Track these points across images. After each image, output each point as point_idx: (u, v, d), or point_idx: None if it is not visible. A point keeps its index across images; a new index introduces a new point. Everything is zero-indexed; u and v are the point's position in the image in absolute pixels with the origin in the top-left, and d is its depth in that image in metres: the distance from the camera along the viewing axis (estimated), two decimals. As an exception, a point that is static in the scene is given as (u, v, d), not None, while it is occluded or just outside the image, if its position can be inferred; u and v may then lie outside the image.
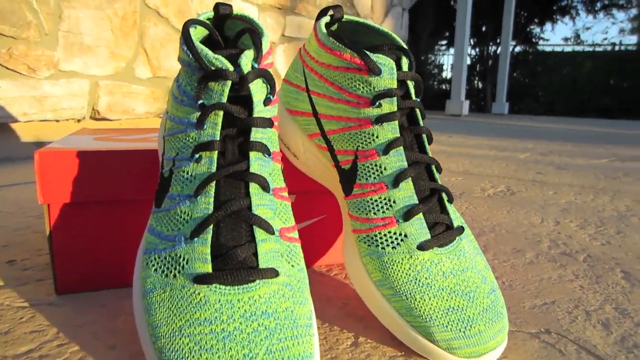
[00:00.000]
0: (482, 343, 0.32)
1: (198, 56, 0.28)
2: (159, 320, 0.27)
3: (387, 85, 0.33)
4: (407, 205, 0.34)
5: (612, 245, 0.62)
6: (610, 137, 2.55)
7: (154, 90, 1.39)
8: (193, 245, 0.28)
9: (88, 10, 1.20)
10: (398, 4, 2.86)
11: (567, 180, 1.13)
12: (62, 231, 0.41)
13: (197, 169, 0.29)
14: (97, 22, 1.22)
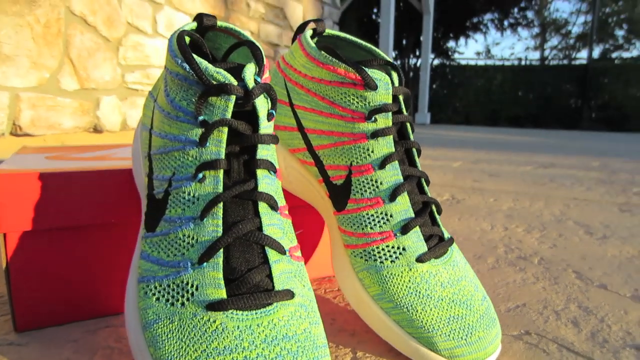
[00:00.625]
0: (482, 349, 0.32)
1: (198, 70, 0.27)
2: (168, 353, 0.25)
3: (383, 101, 0.33)
4: (404, 219, 0.34)
5: (559, 248, 0.66)
6: (527, 146, 2.74)
7: (82, 103, 1.31)
8: (202, 270, 0.26)
9: (6, 17, 1.11)
10: (329, 17, 2.91)
11: (502, 187, 1.20)
12: (21, 262, 0.37)
13: (201, 189, 0.27)
14: (16, 30, 1.13)
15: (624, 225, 0.81)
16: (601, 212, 0.92)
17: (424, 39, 5.98)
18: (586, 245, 0.68)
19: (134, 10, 1.47)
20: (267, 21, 2.24)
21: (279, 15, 2.37)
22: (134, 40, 1.48)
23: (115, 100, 1.43)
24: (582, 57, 11.19)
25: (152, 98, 0.35)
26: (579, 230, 0.77)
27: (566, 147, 2.73)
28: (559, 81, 7.92)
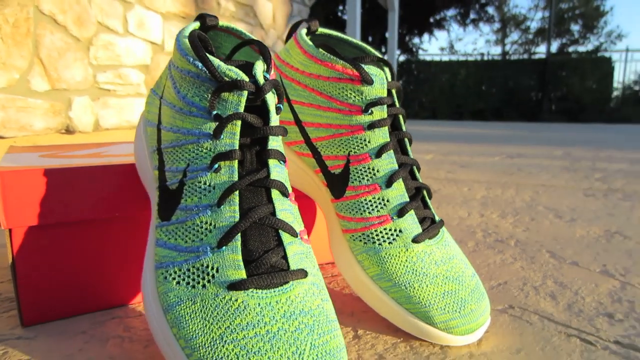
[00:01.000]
0: (474, 320, 0.35)
1: (212, 67, 0.29)
2: (192, 331, 0.27)
3: (379, 94, 0.36)
4: (400, 204, 0.36)
5: (532, 231, 0.70)
6: (495, 138, 2.83)
7: (53, 104, 1.29)
8: (222, 253, 0.28)
9: (-24, 17, 1.08)
10: (298, 15, 2.92)
11: (474, 177, 1.24)
12: (27, 257, 0.38)
13: (217, 178, 0.29)
14: (-13, 30, 1.11)
15: (589, 209, 0.86)
16: (568, 197, 0.97)
17: (389, 35, 6.05)
18: (556, 227, 0.73)
19: (104, 9, 1.45)
20: (238, 19, 2.24)
21: (249, 13, 2.37)
22: (105, 40, 1.46)
23: (87, 101, 1.41)
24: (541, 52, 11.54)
25: (157, 95, 0.36)
26: (548, 214, 0.81)
27: (530, 138, 2.83)
28: (519, 75, 8.14)
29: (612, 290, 0.48)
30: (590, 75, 7.92)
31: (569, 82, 8.07)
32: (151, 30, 1.68)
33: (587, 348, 0.36)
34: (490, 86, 8.32)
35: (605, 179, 1.23)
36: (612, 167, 1.47)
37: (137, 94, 1.61)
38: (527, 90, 8.22)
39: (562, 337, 0.38)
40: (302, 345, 0.26)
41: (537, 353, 0.35)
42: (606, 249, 0.62)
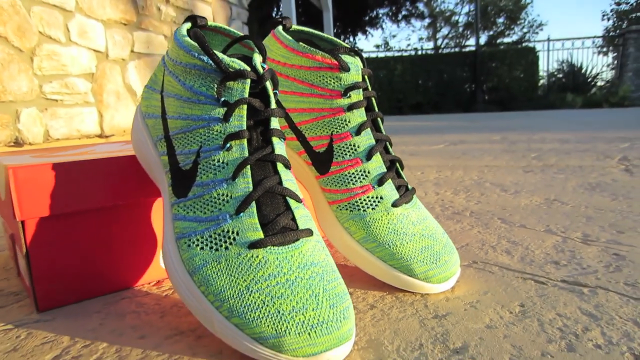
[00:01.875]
0: (448, 270, 0.41)
1: (219, 61, 0.33)
2: (220, 287, 0.31)
3: (355, 80, 0.41)
4: (379, 174, 0.42)
5: (483, 203, 0.78)
6: (436, 129, 2.96)
7: (1, 117, 1.26)
8: (240, 219, 0.32)
9: None
10: (237, 18, 2.94)
11: (424, 162, 1.33)
12: (39, 246, 0.40)
13: (229, 156, 0.33)
14: None
15: (529, 182, 0.96)
16: (510, 174, 1.07)
17: (326, 35, 6.16)
18: (503, 199, 0.81)
19: (44, 18, 1.43)
20: (179, 24, 2.24)
21: (189, 17, 2.37)
22: (49, 50, 1.44)
23: (35, 112, 1.39)
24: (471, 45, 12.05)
25: (155, 90, 0.40)
26: (495, 189, 0.90)
27: (469, 127, 2.99)
28: (453, 68, 8.46)
29: (556, 244, 0.56)
30: (518, 65, 8.32)
31: (499, 73, 8.46)
32: (94, 38, 1.66)
33: (540, 287, 0.43)
34: (427, 80, 8.60)
35: (540, 157, 1.34)
36: (545, 147, 1.60)
37: (85, 102, 1.59)
38: (461, 83, 8.55)
39: (519, 280, 0.45)
40: (316, 289, 0.31)
41: (501, 293, 0.42)
42: (547, 213, 0.71)
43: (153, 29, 2.00)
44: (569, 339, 0.34)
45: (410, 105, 8.36)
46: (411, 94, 8.50)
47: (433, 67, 8.52)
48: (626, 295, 0.41)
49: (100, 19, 1.70)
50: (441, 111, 8.00)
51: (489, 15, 12.09)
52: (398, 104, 8.44)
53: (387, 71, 8.63)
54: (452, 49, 11.24)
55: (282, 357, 0.29)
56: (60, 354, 0.34)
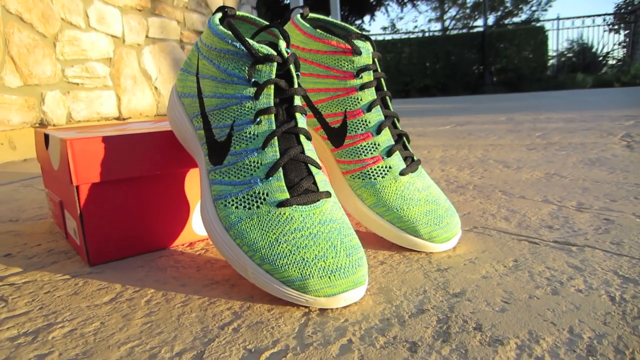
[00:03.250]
0: (450, 231, 0.47)
1: (250, 47, 0.38)
2: (254, 239, 0.37)
3: (366, 62, 0.46)
4: (388, 146, 0.47)
5: (485, 178, 0.83)
6: (443, 111, 2.99)
7: (27, 99, 1.32)
8: (270, 182, 0.38)
9: (-55, 18, 1.11)
10: (246, 3, 2.97)
11: (431, 143, 1.37)
12: (91, 208, 0.46)
13: (259, 129, 0.39)
14: (-44, 31, 1.13)
15: (531, 159, 1.00)
16: (513, 152, 1.11)
17: (332, 18, 6.15)
18: (506, 174, 0.86)
19: (65, 5, 1.48)
20: (191, 10, 2.28)
21: (200, 3, 2.41)
22: (70, 35, 1.49)
23: (58, 95, 1.45)
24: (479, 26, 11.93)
25: (190, 73, 0.45)
26: (498, 165, 0.95)
27: (476, 108, 3.02)
28: (461, 50, 8.40)
29: (552, 211, 0.61)
30: (526, 46, 8.23)
31: (507, 54, 8.38)
32: (111, 24, 1.71)
33: (533, 246, 0.49)
34: (434, 62, 8.56)
35: (544, 136, 1.39)
36: (550, 127, 1.64)
37: (104, 86, 1.65)
38: (469, 64, 8.50)
39: (515, 241, 0.50)
40: (335, 241, 0.36)
41: (497, 251, 0.47)
42: (546, 185, 0.75)
43: (166, 15, 2.04)
44: (554, 286, 0.39)
45: (418, 88, 8.34)
46: (419, 76, 8.47)
47: (441, 49, 8.46)
48: (610, 252, 0.46)
49: (117, 5, 1.75)
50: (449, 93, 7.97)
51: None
52: (406, 87, 8.43)
53: (395, 54, 8.60)
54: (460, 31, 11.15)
55: (307, 297, 0.35)
56: (116, 297, 0.40)
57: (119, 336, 0.33)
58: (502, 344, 0.31)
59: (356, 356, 0.30)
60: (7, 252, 0.54)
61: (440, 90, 8.29)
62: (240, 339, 0.32)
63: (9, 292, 0.42)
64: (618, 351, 0.30)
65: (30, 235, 0.60)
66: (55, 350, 0.32)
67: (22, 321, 0.36)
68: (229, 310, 0.37)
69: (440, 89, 8.32)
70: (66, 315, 0.37)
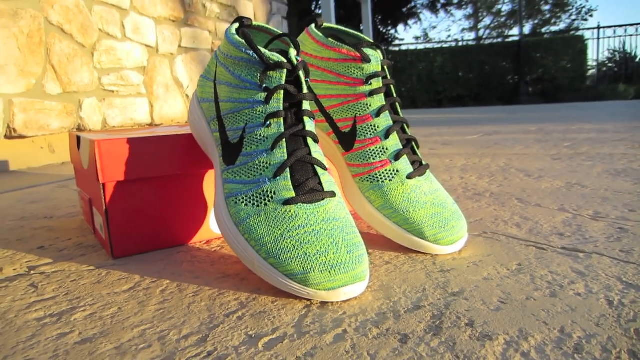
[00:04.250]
0: (456, 234, 0.48)
1: (262, 55, 0.41)
2: (261, 234, 0.39)
3: (375, 69, 0.48)
4: (396, 150, 0.49)
5: (504, 186, 0.84)
6: (473, 121, 2.97)
7: (66, 105, 1.39)
8: (277, 182, 0.40)
9: (-7, 29, 1.18)
10: (277, 13, 3.03)
11: (454, 151, 1.38)
12: (116, 205, 0.49)
13: (269, 131, 0.41)
14: (4, 41, 1.21)
15: (555, 169, 1.00)
16: (537, 162, 1.11)
17: (364, 28, 6.17)
18: (525, 183, 0.86)
19: (103, 17, 1.55)
20: (223, 20, 2.34)
21: (232, 13, 2.47)
22: (107, 45, 1.56)
23: (95, 102, 1.52)
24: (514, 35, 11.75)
25: (209, 79, 0.48)
26: (519, 174, 0.95)
27: (507, 118, 2.98)
28: (495, 59, 8.29)
29: (566, 219, 0.61)
30: (564, 55, 8.06)
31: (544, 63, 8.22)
32: (146, 34, 1.78)
33: (540, 252, 0.49)
34: (468, 72, 8.48)
35: (572, 147, 1.37)
36: (580, 137, 1.61)
37: (137, 93, 1.71)
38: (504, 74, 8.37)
39: (522, 246, 0.51)
40: (337, 238, 0.38)
41: (503, 256, 0.48)
42: (565, 194, 0.75)
43: (199, 25, 2.11)
44: (554, 289, 0.40)
45: (450, 97, 8.27)
46: (451, 86, 8.39)
47: (474, 59, 8.37)
48: (618, 259, 0.46)
49: (151, 16, 1.82)
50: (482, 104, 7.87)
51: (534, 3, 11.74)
52: (438, 96, 8.36)
53: (427, 63, 8.55)
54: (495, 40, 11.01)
55: (308, 290, 0.37)
56: (134, 286, 0.43)
57: (133, 320, 0.36)
58: (491, 340, 0.32)
59: (348, 345, 0.32)
60: (40, 245, 0.58)
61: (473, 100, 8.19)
62: (243, 326, 0.34)
63: (40, 279, 0.46)
64: (605, 350, 0.30)
65: (62, 231, 0.64)
66: (76, 330, 0.35)
67: (48, 304, 0.40)
68: (236, 300, 0.39)
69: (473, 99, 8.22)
70: (88, 301, 0.40)
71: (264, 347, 0.32)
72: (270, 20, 2.97)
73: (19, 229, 0.67)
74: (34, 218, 0.73)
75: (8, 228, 0.67)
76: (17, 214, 0.77)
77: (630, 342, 0.31)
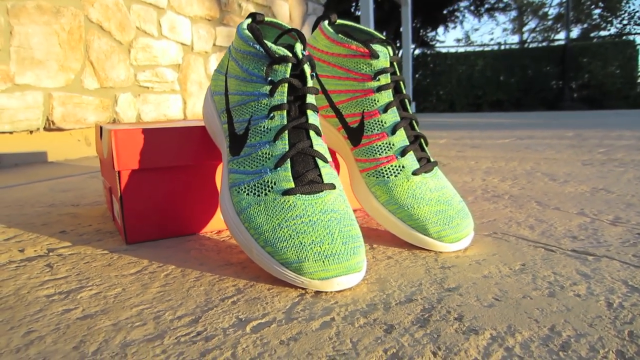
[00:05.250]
0: (460, 232, 0.48)
1: (268, 48, 0.42)
2: (260, 223, 0.40)
3: (384, 65, 0.48)
4: (402, 146, 0.49)
5: (526, 189, 0.82)
6: (508, 125, 2.91)
7: (102, 100, 1.45)
8: (278, 172, 0.41)
9: (37, 26, 1.24)
10: (313, 13, 3.05)
11: (482, 154, 1.35)
12: (130, 192, 0.52)
13: (272, 123, 0.42)
14: (46, 37, 1.27)
15: (583, 174, 0.97)
16: (566, 166, 1.08)
17: (403, 30, 6.14)
18: (548, 187, 0.84)
19: (141, 15, 1.60)
20: (259, 19, 2.38)
21: (267, 13, 2.51)
22: (143, 43, 1.61)
23: (130, 97, 1.57)
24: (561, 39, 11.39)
25: (221, 73, 0.49)
26: (544, 178, 0.92)
27: (545, 124, 2.91)
28: (539, 63, 8.08)
29: (583, 223, 0.60)
30: (613, 61, 7.78)
31: (591, 69, 7.96)
32: (182, 32, 1.83)
33: (548, 253, 0.48)
34: (509, 76, 8.30)
35: (607, 153, 1.33)
36: (617, 144, 1.56)
37: (171, 90, 1.76)
38: (547, 79, 8.15)
39: (531, 247, 0.50)
40: (333, 230, 0.39)
41: (508, 255, 0.48)
42: (588, 199, 0.73)
43: (234, 24, 2.15)
44: (554, 289, 0.39)
45: (489, 102, 8.11)
46: (491, 90, 8.23)
47: (517, 62, 8.19)
48: (628, 264, 0.45)
49: (188, 15, 1.87)
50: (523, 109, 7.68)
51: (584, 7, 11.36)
52: (477, 100, 8.22)
53: (467, 66, 8.42)
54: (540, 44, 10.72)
55: (302, 278, 0.38)
56: (141, 270, 0.44)
57: (134, 300, 0.38)
58: (477, 334, 0.32)
59: (333, 332, 0.32)
60: (62, 229, 0.61)
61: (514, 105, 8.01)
62: (235, 310, 0.36)
63: (56, 260, 0.48)
64: (593, 349, 0.30)
65: (85, 217, 0.67)
66: (80, 307, 0.37)
67: (59, 283, 0.42)
68: (234, 286, 0.40)
69: (514, 104, 8.04)
70: (96, 281, 0.42)
71: (251, 330, 0.33)
72: (305, 20, 2.99)
73: (46, 214, 0.70)
74: (61, 205, 0.77)
75: (36, 213, 0.71)
76: (47, 200, 0.81)
77: (622, 342, 0.31)
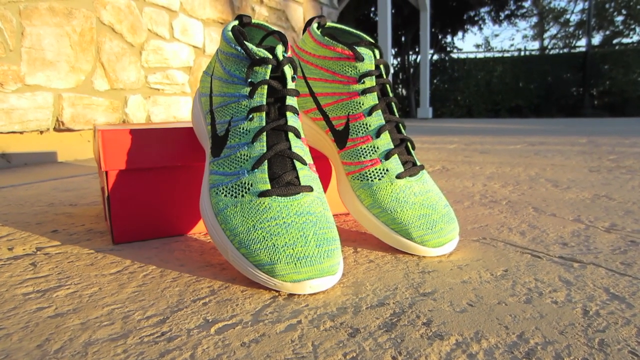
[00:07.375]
0: (444, 236, 0.47)
1: (248, 50, 0.42)
2: (235, 224, 0.40)
3: (368, 68, 0.48)
4: (386, 150, 0.49)
5: (526, 195, 0.81)
6: (523, 131, 2.88)
7: (112, 102, 1.47)
8: (254, 174, 0.41)
9: (48, 28, 1.27)
10: (327, 17, 3.06)
11: (489, 160, 1.34)
12: (117, 192, 0.52)
13: (251, 125, 0.42)
14: (57, 39, 1.29)
15: (587, 180, 0.95)
16: (571, 173, 1.06)
17: (422, 35, 6.12)
18: (550, 193, 0.83)
19: (153, 18, 1.63)
20: (271, 23, 2.39)
21: (281, 17, 2.52)
22: (155, 45, 1.64)
23: (140, 99, 1.59)
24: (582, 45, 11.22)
25: (208, 74, 0.50)
26: (547, 184, 0.91)
27: (560, 130, 2.87)
28: (559, 70, 7.98)
29: (576, 230, 0.59)
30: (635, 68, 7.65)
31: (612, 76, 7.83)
32: (193, 35, 1.85)
33: (534, 259, 0.48)
34: (528, 82, 8.20)
35: (617, 160, 1.30)
36: (629, 151, 1.53)
37: (182, 92, 1.78)
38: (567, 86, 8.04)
39: (517, 253, 0.49)
40: (307, 232, 0.39)
41: (493, 261, 0.47)
42: (587, 206, 0.72)
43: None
44: (531, 296, 0.39)
45: (508, 108, 8.02)
46: (510, 96, 8.15)
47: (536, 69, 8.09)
48: (614, 271, 0.44)
49: (200, 18, 1.89)
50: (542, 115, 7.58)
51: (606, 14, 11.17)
52: (495, 106, 8.14)
53: (485, 72, 8.35)
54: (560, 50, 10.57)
55: (275, 280, 0.38)
56: (122, 270, 0.45)
57: (108, 299, 0.38)
58: (442, 339, 0.31)
59: (296, 334, 0.32)
60: (55, 229, 0.61)
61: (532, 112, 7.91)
62: (204, 311, 0.36)
63: (42, 259, 0.49)
64: (558, 357, 0.29)
65: (79, 217, 0.68)
66: (53, 305, 0.37)
67: (39, 282, 0.42)
68: (208, 288, 0.40)
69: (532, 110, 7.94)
70: (75, 280, 0.43)
71: (215, 332, 0.33)
72: (319, 25, 3.01)
73: (42, 213, 0.71)
74: (60, 204, 0.78)
75: (34, 212, 0.72)
76: (48, 200, 0.82)
77: (589, 351, 0.30)
